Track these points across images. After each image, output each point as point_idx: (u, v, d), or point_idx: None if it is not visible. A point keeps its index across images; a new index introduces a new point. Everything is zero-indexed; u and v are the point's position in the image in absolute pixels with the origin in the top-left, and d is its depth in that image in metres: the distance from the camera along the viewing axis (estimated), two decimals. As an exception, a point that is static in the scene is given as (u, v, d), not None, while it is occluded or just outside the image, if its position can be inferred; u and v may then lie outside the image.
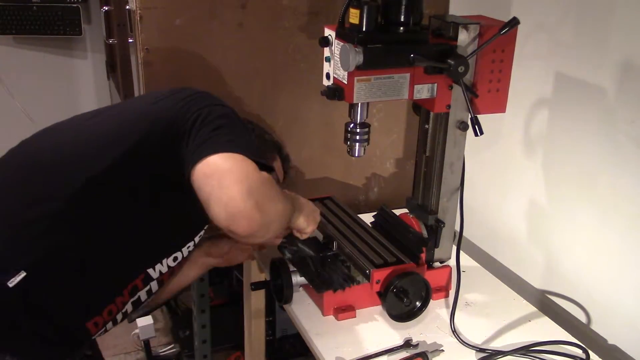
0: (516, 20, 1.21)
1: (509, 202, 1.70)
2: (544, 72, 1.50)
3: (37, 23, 2.66)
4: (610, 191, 1.37)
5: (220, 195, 1.03)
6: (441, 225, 1.42)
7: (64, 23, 2.68)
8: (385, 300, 1.31)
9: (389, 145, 1.92)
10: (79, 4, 2.67)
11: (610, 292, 1.40)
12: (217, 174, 1.05)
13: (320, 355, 1.25)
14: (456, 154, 1.37)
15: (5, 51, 2.75)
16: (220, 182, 1.04)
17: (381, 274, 1.31)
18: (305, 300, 1.42)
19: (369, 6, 1.16)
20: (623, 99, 1.32)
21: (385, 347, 1.27)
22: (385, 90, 1.23)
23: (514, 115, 1.57)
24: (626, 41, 1.30)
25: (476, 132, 1.20)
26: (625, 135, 1.31)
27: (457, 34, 1.23)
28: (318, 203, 1.63)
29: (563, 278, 1.53)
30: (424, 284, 1.34)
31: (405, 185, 1.58)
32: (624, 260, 1.36)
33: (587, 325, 1.46)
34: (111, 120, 1.23)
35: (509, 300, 1.48)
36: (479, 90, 1.28)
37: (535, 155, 1.57)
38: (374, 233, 1.49)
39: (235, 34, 1.62)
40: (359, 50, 1.15)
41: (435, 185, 1.41)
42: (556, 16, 1.46)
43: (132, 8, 1.56)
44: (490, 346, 1.29)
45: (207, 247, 1.45)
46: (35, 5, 2.64)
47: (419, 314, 1.36)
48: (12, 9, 2.63)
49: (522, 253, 1.67)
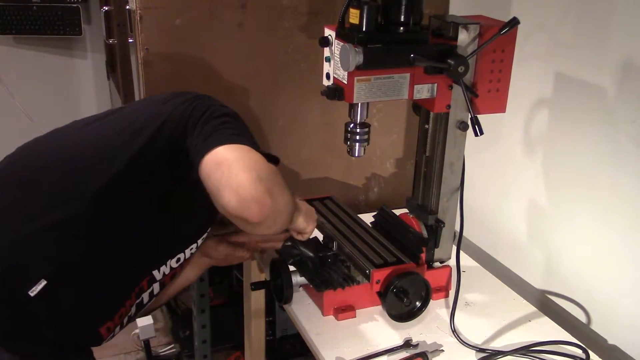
0: (516, 20, 1.21)
1: (509, 202, 1.70)
2: (544, 72, 1.50)
3: (37, 23, 2.66)
4: (610, 191, 1.37)
5: (230, 181, 1.01)
6: (441, 225, 1.42)
7: (64, 23, 2.68)
8: (385, 300, 1.31)
9: (389, 145, 1.92)
10: (79, 4, 2.67)
11: (610, 291, 1.40)
12: (226, 162, 1.04)
13: (320, 355, 1.25)
14: (456, 154, 1.37)
15: (5, 51, 2.75)
16: (230, 169, 1.03)
17: (381, 274, 1.31)
18: (305, 300, 1.42)
19: (369, 6, 1.16)
20: (623, 99, 1.32)
21: (385, 347, 1.27)
22: (385, 90, 1.23)
23: (514, 116, 1.57)
24: (626, 41, 1.30)
25: (476, 132, 1.20)
26: (625, 135, 1.32)
27: (457, 34, 1.23)
28: (318, 203, 1.63)
29: (563, 278, 1.53)
30: (424, 284, 1.34)
31: (405, 185, 1.58)
32: (624, 260, 1.36)
33: (587, 325, 1.46)
34: (117, 123, 1.23)
35: (508, 300, 1.48)
36: (479, 90, 1.28)
37: (535, 155, 1.57)
38: (374, 233, 1.49)
39: (235, 34, 1.62)
40: (359, 50, 1.15)
41: (435, 185, 1.41)
42: (556, 16, 1.46)
43: (132, 8, 1.56)
44: (490, 346, 1.29)
45: (206, 250, 1.45)
46: (35, 5, 2.64)
47: (419, 314, 1.36)
48: (12, 9, 2.63)
49: (522, 253, 1.67)
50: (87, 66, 2.89)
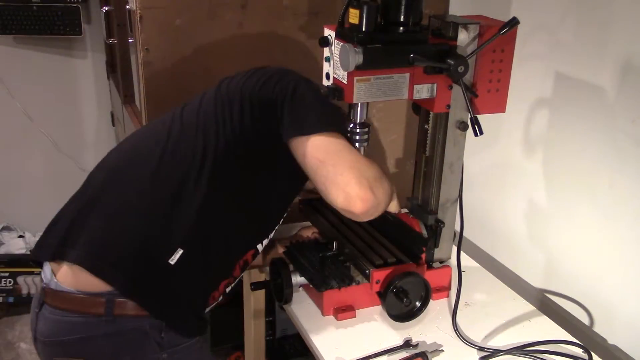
0: (516, 20, 1.21)
1: (509, 202, 1.70)
2: (544, 72, 1.50)
3: (37, 23, 2.66)
4: (610, 191, 1.37)
5: (337, 180, 1.13)
6: (441, 225, 1.42)
7: (64, 23, 2.67)
8: (385, 300, 1.31)
9: (389, 145, 1.92)
10: (79, 4, 2.66)
11: (610, 291, 1.40)
12: (330, 159, 1.15)
13: (320, 355, 1.25)
14: (456, 153, 1.37)
15: (5, 51, 2.75)
16: (335, 168, 1.14)
17: (381, 274, 1.31)
18: (305, 300, 1.42)
19: (368, 6, 1.16)
20: (623, 99, 1.32)
21: (385, 347, 1.27)
22: (385, 90, 1.23)
23: (514, 115, 1.57)
24: (626, 41, 1.30)
25: (476, 132, 1.20)
26: (625, 135, 1.32)
27: (456, 34, 1.23)
28: (318, 202, 1.62)
29: (563, 278, 1.53)
30: (424, 284, 1.34)
31: (405, 185, 1.58)
32: (623, 260, 1.36)
33: (587, 325, 1.46)
34: (209, 105, 1.27)
35: (508, 300, 1.48)
36: (479, 90, 1.28)
37: (535, 155, 1.57)
38: (374, 233, 1.49)
39: (235, 34, 1.62)
40: (359, 50, 1.15)
41: (435, 185, 1.41)
42: (556, 16, 1.46)
43: (132, 8, 1.56)
44: (489, 345, 1.29)
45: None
46: (35, 5, 2.64)
47: (419, 314, 1.36)
48: (12, 9, 2.62)
49: (521, 253, 1.67)
50: (87, 66, 2.88)
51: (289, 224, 1.66)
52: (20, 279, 2.67)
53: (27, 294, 2.67)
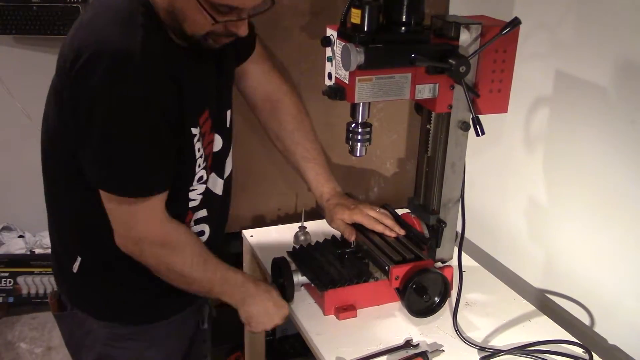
0: (518, 20, 1.21)
1: (510, 202, 1.70)
2: (544, 71, 1.50)
3: (37, 23, 2.65)
4: (610, 191, 1.37)
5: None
6: (442, 225, 1.42)
7: (64, 23, 2.67)
8: (404, 297, 1.31)
9: (390, 145, 1.92)
10: (79, 4, 2.66)
11: (610, 291, 1.40)
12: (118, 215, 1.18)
13: (320, 355, 1.25)
14: (458, 154, 1.37)
15: (5, 51, 2.74)
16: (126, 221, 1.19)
17: (400, 270, 1.32)
18: (306, 299, 1.42)
19: (370, 6, 1.16)
20: (623, 98, 1.32)
21: (386, 347, 1.27)
22: (387, 90, 1.23)
23: (515, 116, 1.57)
24: (626, 41, 1.30)
25: (478, 132, 1.20)
26: (625, 135, 1.32)
27: (458, 34, 1.23)
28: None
29: (563, 278, 1.53)
30: (443, 280, 1.34)
31: (406, 185, 1.58)
32: (623, 260, 1.36)
33: (588, 325, 1.46)
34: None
35: (509, 299, 1.48)
36: (481, 90, 1.28)
37: (536, 155, 1.58)
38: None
39: (236, 34, 1.62)
40: (361, 50, 1.15)
41: (437, 186, 1.41)
42: (557, 16, 1.47)
43: (133, 8, 1.56)
44: (490, 346, 1.29)
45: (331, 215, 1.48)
46: (35, 5, 2.63)
47: (438, 309, 1.36)
48: (12, 9, 2.62)
49: (522, 253, 1.67)
50: (87, 66, 2.89)
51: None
52: (20, 279, 2.67)
53: (27, 294, 2.68)
